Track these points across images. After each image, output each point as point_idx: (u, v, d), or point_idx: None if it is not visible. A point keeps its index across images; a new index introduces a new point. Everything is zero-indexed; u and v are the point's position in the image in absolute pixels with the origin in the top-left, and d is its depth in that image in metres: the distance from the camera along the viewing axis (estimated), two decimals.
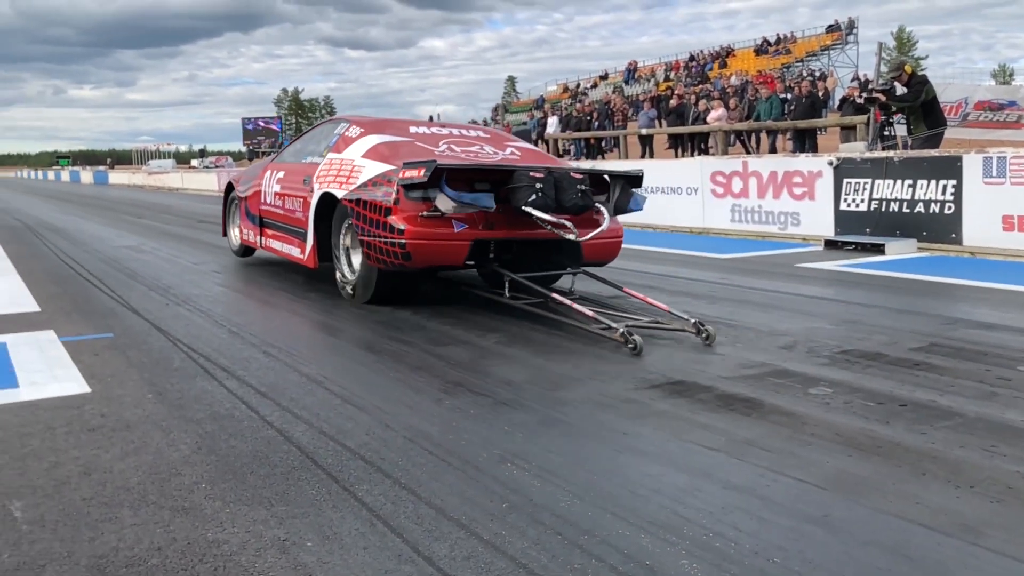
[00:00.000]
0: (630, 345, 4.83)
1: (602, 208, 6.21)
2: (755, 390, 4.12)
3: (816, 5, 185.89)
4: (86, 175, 67.96)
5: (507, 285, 5.91)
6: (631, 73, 44.47)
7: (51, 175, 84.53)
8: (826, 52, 44.81)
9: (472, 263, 6.06)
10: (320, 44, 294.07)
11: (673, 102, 22.31)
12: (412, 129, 7.22)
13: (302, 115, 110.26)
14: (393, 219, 5.78)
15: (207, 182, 35.09)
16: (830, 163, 10.60)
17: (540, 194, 5.61)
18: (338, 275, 6.82)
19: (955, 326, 5.60)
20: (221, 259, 9.83)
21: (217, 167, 45.99)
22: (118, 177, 57.37)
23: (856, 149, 10.97)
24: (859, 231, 10.16)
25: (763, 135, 19.57)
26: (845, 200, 10.42)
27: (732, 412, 3.79)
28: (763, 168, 11.44)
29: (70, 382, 4.39)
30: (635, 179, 6.62)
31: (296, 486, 2.95)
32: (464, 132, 7.63)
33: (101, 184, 56.30)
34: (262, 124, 57.69)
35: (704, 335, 5.10)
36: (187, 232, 13.87)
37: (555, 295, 5.65)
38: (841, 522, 2.66)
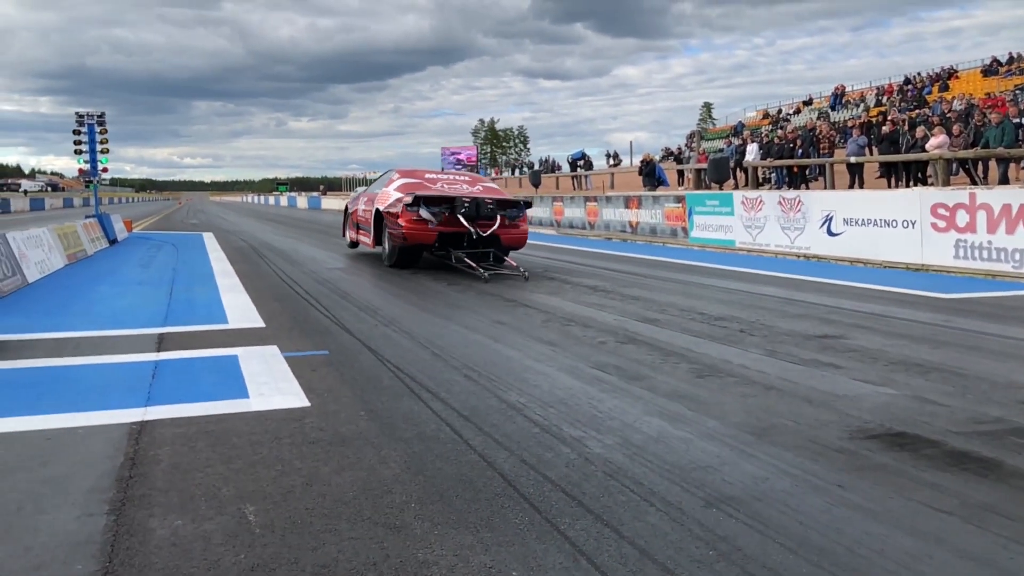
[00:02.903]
0: (483, 279, 10.33)
1: (498, 217, 11.49)
2: (992, 449, 3.71)
3: None
4: (301, 200, 74.06)
5: (455, 257, 11.46)
6: (838, 98, 42.04)
7: (271, 200, 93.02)
8: None
9: (441, 247, 11.69)
10: (516, 75, 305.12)
11: (886, 128, 20.84)
12: (427, 175, 13.32)
13: (497, 144, 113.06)
14: (399, 220, 11.64)
15: None
16: None
17: (466, 208, 11.32)
18: (383, 251, 12.69)
19: None
20: (422, 283, 10.32)
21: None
22: (329, 203, 61.91)
23: None
24: None
25: (992, 164, 17.81)
26: None
27: (965, 472, 3.43)
28: (994, 200, 10.40)
29: (292, 395, 4.74)
30: (527, 203, 12.36)
31: (500, 514, 2.99)
32: (456, 176, 13.94)
33: (315, 209, 61.03)
34: (456, 155, 60.44)
35: (525, 276, 10.55)
36: None
37: (467, 260, 11.19)
38: None
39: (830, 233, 13.00)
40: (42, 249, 12.27)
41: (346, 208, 16.29)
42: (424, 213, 11.24)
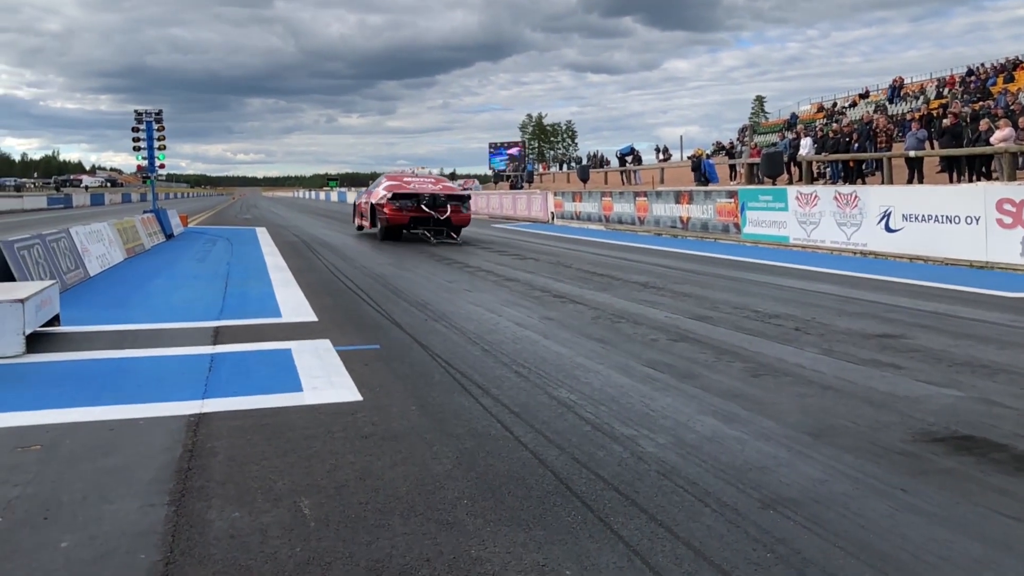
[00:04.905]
0: (431, 242, 17.17)
1: (448, 206, 17.54)
2: None
3: None
4: (351, 195, 74.87)
5: (421, 232, 17.72)
6: (896, 90, 40.90)
7: (322, 195, 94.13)
8: None
9: (413, 227, 17.75)
10: (564, 70, 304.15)
11: (947, 121, 20.20)
12: (405, 178, 19.10)
13: (544, 139, 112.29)
14: (384, 208, 17.73)
15: None
16: None
17: (427, 200, 17.45)
18: (377, 231, 18.76)
19: None
20: (471, 280, 10.34)
21: (465, 190, 48.88)
22: None
23: None
24: None
25: None
26: None
27: None
28: None
29: (344, 389, 4.78)
30: (468, 197, 19.03)
31: (552, 511, 2.97)
32: (425, 178, 19.97)
33: None
34: (504, 150, 60.77)
35: (459, 242, 17.30)
36: (442, 252, 14.76)
37: (425, 232, 17.68)
38: None
39: (888, 229, 12.67)
40: (103, 243, 12.62)
41: (354, 203, 23.37)
42: (399, 203, 17.29)
